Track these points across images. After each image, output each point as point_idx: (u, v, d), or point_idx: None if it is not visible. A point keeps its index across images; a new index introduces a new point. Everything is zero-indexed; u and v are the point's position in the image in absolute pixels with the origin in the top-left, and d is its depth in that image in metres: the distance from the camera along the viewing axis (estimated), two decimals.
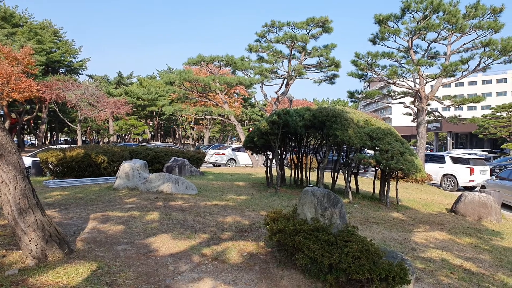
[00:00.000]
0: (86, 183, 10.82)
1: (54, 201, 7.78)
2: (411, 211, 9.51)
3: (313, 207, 4.69)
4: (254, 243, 5.19)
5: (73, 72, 45.08)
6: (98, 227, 5.59)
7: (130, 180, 9.51)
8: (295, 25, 20.35)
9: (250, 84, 22.09)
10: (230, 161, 23.76)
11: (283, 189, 10.69)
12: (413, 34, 17.34)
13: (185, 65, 24.52)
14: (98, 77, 53.22)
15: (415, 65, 16.89)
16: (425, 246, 6.30)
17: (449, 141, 47.78)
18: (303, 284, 4.11)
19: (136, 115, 47.28)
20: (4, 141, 3.76)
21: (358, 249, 3.97)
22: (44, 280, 3.48)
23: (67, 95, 29.61)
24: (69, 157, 11.86)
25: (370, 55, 17.52)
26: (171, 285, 3.77)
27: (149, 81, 50.38)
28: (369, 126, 9.85)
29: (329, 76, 22.10)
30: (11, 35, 34.46)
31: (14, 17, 37.14)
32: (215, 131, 57.59)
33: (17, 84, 23.82)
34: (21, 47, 28.62)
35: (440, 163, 17.39)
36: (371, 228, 7.22)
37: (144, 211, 6.84)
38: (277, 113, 10.26)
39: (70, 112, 39.07)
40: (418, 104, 18.01)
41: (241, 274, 4.25)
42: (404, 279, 3.73)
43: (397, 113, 68.69)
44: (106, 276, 3.72)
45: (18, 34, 35.46)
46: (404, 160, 8.93)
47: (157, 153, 14.92)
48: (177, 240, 5.15)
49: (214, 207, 7.69)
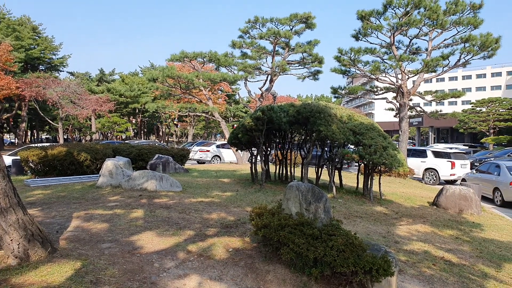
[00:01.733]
0: (69, 182, 10.63)
1: (36, 200, 7.63)
2: (394, 205, 9.68)
3: (298, 202, 4.74)
4: (239, 239, 5.21)
5: (54, 69, 44.19)
6: (82, 226, 5.52)
7: (114, 178, 9.40)
8: (279, 21, 20.35)
9: (234, 80, 22.02)
10: (214, 158, 23.69)
11: (268, 185, 10.74)
12: (395, 30, 17.59)
13: (168, 62, 24.30)
14: (79, 74, 52.32)
15: (397, 61, 17.15)
16: (408, 239, 6.43)
17: (430, 135, 48.76)
18: (288, 278, 4.16)
19: (119, 112, 46.65)
20: None
21: (342, 242, 4.04)
22: (26, 280, 3.43)
23: (48, 92, 29.02)
24: (50, 156, 11.63)
25: (353, 51, 17.69)
26: (156, 282, 3.76)
27: (131, 78, 49.75)
28: (352, 122, 9.97)
29: (313, 72, 22.22)
30: None
31: None
32: (199, 128, 57.32)
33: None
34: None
35: (422, 158, 17.74)
36: (355, 222, 7.33)
37: (128, 208, 6.78)
38: (261, 109, 10.27)
39: (51, 110, 38.29)
40: (400, 100, 18.30)
41: (226, 269, 4.27)
42: (387, 271, 3.81)
43: (379, 109, 69.72)
44: (90, 274, 3.68)
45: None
46: (387, 155, 9.08)
47: (141, 151, 14.76)
48: (162, 237, 5.13)
49: (199, 204, 7.67)
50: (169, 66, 23.22)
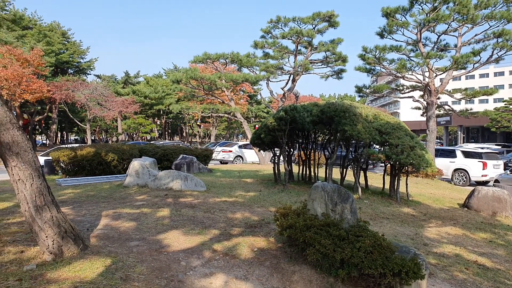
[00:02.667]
0: (97, 181, 10.93)
1: (67, 198, 7.88)
2: (422, 206, 9.45)
3: (324, 202, 4.69)
4: (264, 239, 5.21)
5: (82, 72, 45.47)
6: (111, 224, 5.66)
7: (140, 177, 9.59)
8: (301, 20, 20.24)
9: (256, 81, 22.08)
10: (237, 158, 23.80)
11: (291, 186, 10.69)
12: (422, 27, 17.16)
13: (191, 63, 24.61)
14: (105, 76, 53.63)
15: (424, 58, 16.72)
16: (438, 241, 6.26)
17: (459, 135, 47.26)
18: (314, 279, 4.12)
19: (144, 113, 47.57)
20: (20, 140, 3.82)
21: (370, 244, 3.97)
22: (61, 275, 3.54)
23: (76, 95, 29.93)
24: (80, 156, 11.99)
25: (377, 49, 17.38)
26: (183, 280, 3.81)
27: (155, 80, 50.62)
28: (378, 121, 9.79)
29: (336, 71, 21.98)
30: (21, 38, 34.83)
31: (24, 20, 37.53)
32: (222, 129, 57.73)
33: (28, 85, 24.14)
34: (31, 49, 28.96)
35: (451, 158, 17.23)
36: (382, 223, 7.20)
37: (155, 207, 6.90)
38: (284, 109, 10.24)
39: (80, 112, 39.44)
40: (427, 98, 17.84)
41: (252, 269, 4.27)
42: (417, 274, 3.72)
43: (405, 108, 68.17)
44: (120, 271, 3.77)
45: (28, 36, 35.85)
46: (414, 155, 8.87)
47: (166, 151, 15.00)
48: (188, 236, 5.20)
49: (223, 203, 7.73)
50: (192, 67, 23.53)
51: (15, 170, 3.83)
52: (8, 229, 5.14)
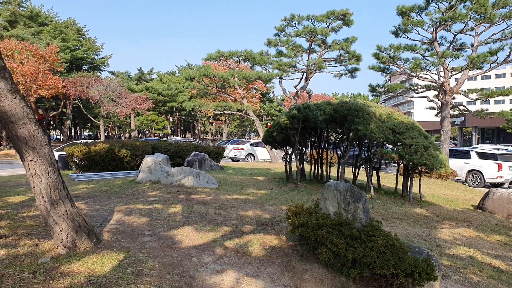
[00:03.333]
0: (110, 177, 11.06)
1: (80, 193, 7.99)
2: (435, 207, 9.32)
3: (336, 201, 4.66)
4: (275, 237, 5.20)
5: (96, 68, 46.07)
6: (123, 219, 5.72)
7: (153, 173, 9.67)
8: (315, 18, 20.13)
9: (268, 78, 22.05)
10: (248, 156, 23.81)
11: (303, 184, 10.66)
12: (438, 26, 16.89)
13: (204, 61, 24.65)
14: (119, 73, 54.22)
15: (439, 58, 16.46)
16: (451, 243, 6.17)
17: (474, 136, 46.47)
18: (326, 278, 4.10)
19: (157, 110, 47.94)
20: (37, 135, 3.88)
21: (382, 244, 3.93)
22: (74, 268, 3.59)
23: (90, 91, 30.29)
24: (93, 152, 12.15)
25: (392, 48, 17.16)
26: (195, 276, 3.83)
27: (169, 77, 50.94)
28: (392, 120, 9.68)
29: (350, 70, 21.81)
30: (38, 34, 35.44)
31: (40, 16, 38.16)
32: (233, 126, 57.82)
33: (44, 81, 24.52)
34: (47, 45, 29.44)
35: (465, 159, 16.95)
36: (394, 223, 7.12)
37: (167, 204, 6.95)
38: (297, 107, 10.20)
39: (93, 108, 39.96)
40: (442, 98, 17.57)
41: (263, 267, 4.27)
42: (430, 275, 3.68)
43: (419, 108, 67.31)
44: (132, 266, 3.81)
45: (44, 33, 36.45)
46: (428, 155, 8.75)
47: (178, 148, 15.10)
48: (199, 232, 5.22)
49: (234, 200, 7.74)
50: (205, 65, 23.62)
51: (31, 164, 3.89)
52: (23, 222, 5.24)
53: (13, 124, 3.79)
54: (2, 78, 3.71)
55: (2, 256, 3.82)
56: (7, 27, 33.67)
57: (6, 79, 3.76)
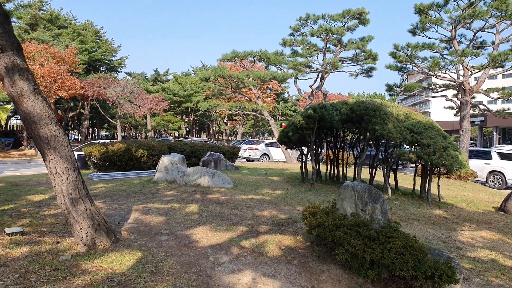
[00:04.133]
0: (127, 176, 11.21)
1: (98, 192, 8.12)
2: (454, 209, 9.13)
3: (353, 202, 4.62)
4: (291, 237, 5.18)
5: (113, 70, 46.77)
6: (141, 218, 5.79)
7: (169, 173, 9.76)
8: (331, 17, 19.99)
9: (283, 78, 22.00)
10: (263, 156, 23.81)
11: (319, 185, 10.59)
12: (457, 23, 16.54)
13: (219, 61, 24.77)
14: (136, 74, 54.95)
15: (459, 56, 16.11)
16: (472, 245, 6.03)
17: (495, 136, 45.35)
18: (343, 279, 4.06)
19: (173, 111, 48.36)
20: (58, 135, 3.96)
21: (401, 245, 3.87)
22: (94, 266, 3.65)
23: (108, 92, 30.75)
24: (111, 151, 12.34)
25: (409, 46, 16.88)
26: (212, 275, 3.84)
27: (184, 78, 51.34)
28: (409, 120, 9.54)
29: (366, 69, 21.58)
30: (57, 36, 36.21)
31: (60, 19, 38.99)
32: (248, 127, 57.88)
33: (63, 82, 25.03)
34: (66, 47, 30.03)
35: (486, 159, 16.57)
36: (412, 225, 7.01)
37: (183, 203, 7.00)
38: (312, 107, 10.14)
39: (111, 109, 40.56)
40: (461, 97, 17.20)
41: (280, 267, 4.26)
42: (451, 278, 3.60)
43: (436, 107, 66.03)
44: (150, 264, 3.85)
45: (63, 35, 37.21)
46: (447, 156, 8.58)
47: (194, 148, 15.21)
48: (216, 232, 5.24)
49: (250, 200, 7.75)
50: (220, 66, 23.70)
51: (53, 163, 3.98)
52: (45, 220, 5.36)
53: (35, 124, 3.88)
54: (25, 79, 3.80)
55: (25, 252, 3.91)
56: (28, 30, 34.55)
57: (29, 80, 3.85)
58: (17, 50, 3.78)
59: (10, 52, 3.71)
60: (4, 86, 3.82)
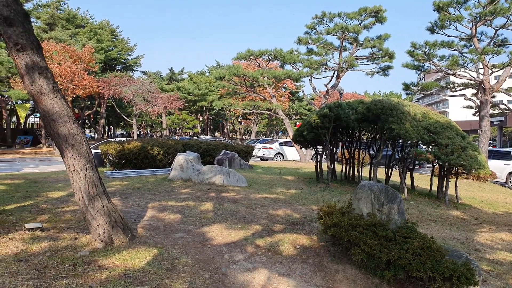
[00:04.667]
0: (143, 174, 11.34)
1: (115, 190, 8.23)
2: (473, 210, 8.95)
3: (370, 202, 4.56)
4: (306, 237, 5.15)
5: (128, 68, 47.31)
6: (156, 216, 5.84)
7: (184, 171, 9.83)
8: (347, 15, 19.78)
9: (298, 77, 21.86)
10: (277, 155, 23.76)
11: (334, 184, 10.51)
12: (478, 21, 16.17)
13: (234, 60, 24.82)
14: (151, 73, 55.45)
15: (479, 54, 15.75)
16: (491, 247, 5.90)
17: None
18: (359, 279, 4.02)
19: (187, 110, 48.67)
20: (76, 133, 4.03)
21: (418, 246, 3.81)
22: (111, 262, 3.70)
23: (124, 90, 31.11)
24: (127, 150, 12.50)
25: (427, 44, 16.58)
26: (227, 273, 3.85)
27: (199, 77, 51.59)
28: (427, 120, 9.37)
29: (382, 68, 21.30)
30: (74, 36, 36.81)
31: (77, 19, 39.62)
32: (262, 126, 57.84)
33: (80, 81, 25.42)
34: (83, 47, 30.50)
35: (506, 160, 16.20)
36: (429, 226, 6.89)
37: (198, 201, 7.04)
38: (328, 106, 10.07)
39: (126, 107, 41.04)
40: (481, 96, 16.83)
41: (295, 266, 4.24)
42: (470, 280, 3.53)
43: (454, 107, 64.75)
44: (166, 261, 3.88)
45: (80, 34, 37.80)
46: (465, 156, 8.41)
47: (209, 146, 15.28)
48: (230, 230, 5.25)
49: (264, 199, 7.74)
50: (235, 64, 23.77)
51: (71, 161, 4.04)
52: (63, 216, 5.46)
53: (54, 122, 3.95)
54: (44, 78, 3.88)
55: (45, 248, 3.99)
56: (46, 30, 35.24)
57: (48, 79, 3.92)
58: (36, 49, 3.85)
59: (30, 51, 3.78)
60: (24, 84, 3.90)
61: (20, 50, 3.74)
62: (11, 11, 3.64)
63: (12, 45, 3.71)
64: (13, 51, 3.74)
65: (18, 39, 3.70)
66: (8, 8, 3.63)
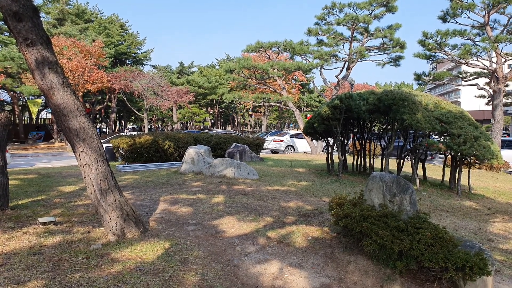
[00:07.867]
0: (155, 168, 11.43)
1: (126, 184, 8.32)
2: (485, 200, 8.83)
3: (381, 193, 4.53)
4: (318, 228, 5.15)
5: (138, 63, 47.49)
6: (168, 209, 5.89)
7: (195, 165, 9.88)
8: (357, 5, 19.50)
9: (309, 69, 21.67)
10: (288, 147, 23.71)
11: (345, 176, 10.46)
12: (491, 8, 15.81)
13: (243, 52, 24.69)
14: (161, 67, 55.58)
15: (492, 43, 15.43)
16: (504, 237, 5.83)
17: None
18: (370, 270, 4.01)
19: (198, 103, 48.75)
20: (87, 127, 4.07)
21: (431, 236, 3.78)
22: (124, 255, 3.75)
23: (134, 85, 31.27)
24: (138, 144, 12.60)
25: (439, 33, 16.30)
26: (239, 265, 3.88)
27: (209, 70, 51.55)
28: (439, 110, 9.24)
29: (394, 58, 20.98)
30: (84, 30, 37.02)
31: (86, 13, 39.83)
32: (273, 118, 57.69)
33: (90, 76, 25.61)
34: (93, 41, 30.68)
35: None
36: (441, 216, 6.83)
37: (210, 194, 7.08)
38: (339, 97, 9.98)
39: (137, 101, 41.26)
40: (494, 86, 16.51)
41: (306, 257, 4.25)
42: (483, 270, 3.49)
43: (466, 96, 63.64)
44: (178, 254, 3.92)
45: (90, 29, 38.00)
46: (478, 146, 8.29)
47: (219, 140, 15.32)
48: (242, 222, 5.28)
49: (275, 192, 7.74)
50: (244, 57, 23.64)
51: (82, 155, 4.09)
52: (76, 210, 5.54)
53: (65, 117, 3.99)
54: (54, 72, 3.91)
55: (58, 241, 4.06)
56: (56, 25, 35.52)
57: (58, 73, 3.95)
58: (46, 43, 3.88)
59: (39, 45, 3.81)
60: (34, 79, 3.94)
61: (30, 45, 3.77)
62: (20, 6, 3.67)
63: (22, 40, 3.75)
64: (23, 46, 3.78)
65: (28, 34, 3.73)
66: (17, 3, 3.66)
